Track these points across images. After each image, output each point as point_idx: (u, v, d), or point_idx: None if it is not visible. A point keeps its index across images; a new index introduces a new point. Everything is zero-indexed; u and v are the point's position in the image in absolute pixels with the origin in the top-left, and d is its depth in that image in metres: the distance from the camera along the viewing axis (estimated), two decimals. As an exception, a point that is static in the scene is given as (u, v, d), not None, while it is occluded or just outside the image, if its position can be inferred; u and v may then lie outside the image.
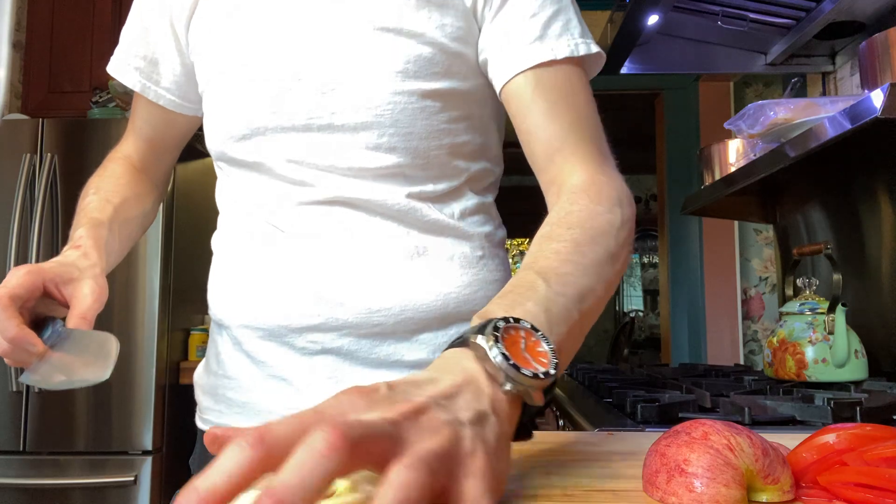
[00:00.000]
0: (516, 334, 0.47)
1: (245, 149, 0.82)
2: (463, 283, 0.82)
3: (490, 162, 0.88)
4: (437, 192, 0.82)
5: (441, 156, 0.81)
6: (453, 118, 0.81)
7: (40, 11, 2.87)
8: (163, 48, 0.90)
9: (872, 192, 1.54)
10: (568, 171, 0.73)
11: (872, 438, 0.46)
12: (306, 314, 0.79)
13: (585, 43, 0.78)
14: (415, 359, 0.81)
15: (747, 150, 1.78)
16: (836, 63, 1.95)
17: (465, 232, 0.83)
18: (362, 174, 0.79)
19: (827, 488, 0.44)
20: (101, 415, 2.24)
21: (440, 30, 0.78)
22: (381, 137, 0.78)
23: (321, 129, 0.79)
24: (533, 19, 0.77)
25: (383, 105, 0.77)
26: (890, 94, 1.06)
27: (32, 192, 2.29)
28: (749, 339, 2.88)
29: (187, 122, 0.96)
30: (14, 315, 0.66)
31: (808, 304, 1.37)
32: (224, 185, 0.89)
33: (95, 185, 0.90)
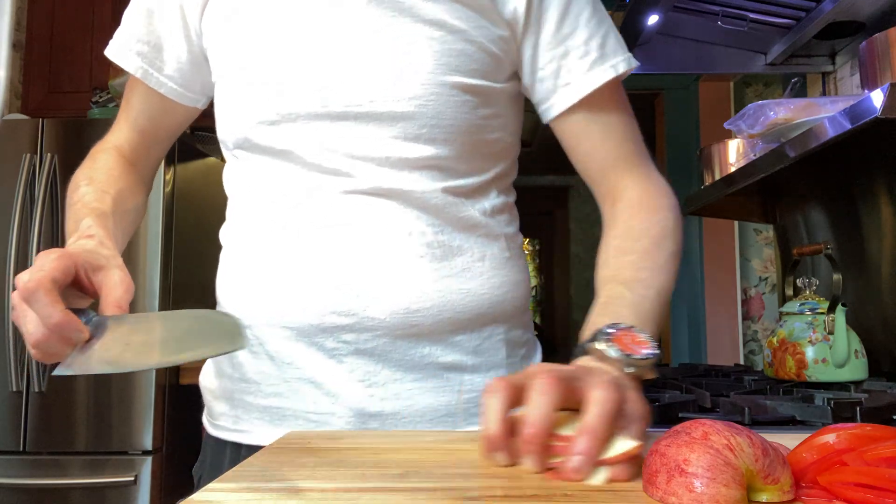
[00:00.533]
0: (621, 333, 0.62)
1: (274, 135, 0.79)
2: (494, 285, 0.82)
3: (513, 162, 0.90)
4: (468, 188, 0.82)
5: (474, 151, 0.82)
6: (488, 115, 0.82)
7: (40, 11, 2.87)
8: (169, 33, 0.86)
9: (872, 192, 1.54)
10: (622, 185, 0.83)
11: (872, 438, 0.46)
12: (339, 314, 0.76)
13: (630, 57, 0.84)
14: (449, 360, 0.80)
15: (747, 150, 1.78)
16: (836, 63, 1.95)
17: (493, 231, 0.84)
18: (399, 165, 0.78)
19: (827, 488, 0.44)
20: (101, 415, 2.24)
21: (479, 31, 0.79)
22: (421, 128, 0.78)
23: (358, 117, 0.77)
24: (590, 42, 0.81)
25: (426, 96, 0.77)
26: (890, 94, 1.06)
27: (32, 192, 2.29)
28: (749, 339, 2.88)
29: (185, 113, 0.92)
30: (58, 299, 0.60)
31: (808, 304, 1.37)
32: (239, 173, 0.85)
33: (87, 175, 0.85)
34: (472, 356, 0.81)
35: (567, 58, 0.81)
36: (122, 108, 0.93)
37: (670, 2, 1.72)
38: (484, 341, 0.82)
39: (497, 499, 0.45)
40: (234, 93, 0.82)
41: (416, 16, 0.78)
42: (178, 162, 2.41)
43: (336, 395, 0.78)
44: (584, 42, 0.81)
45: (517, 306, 0.85)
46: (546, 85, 0.83)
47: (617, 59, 0.82)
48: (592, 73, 0.81)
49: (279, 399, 0.80)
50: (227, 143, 0.85)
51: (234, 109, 0.82)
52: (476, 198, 0.83)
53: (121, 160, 0.89)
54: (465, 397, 0.80)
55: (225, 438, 0.84)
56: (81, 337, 0.59)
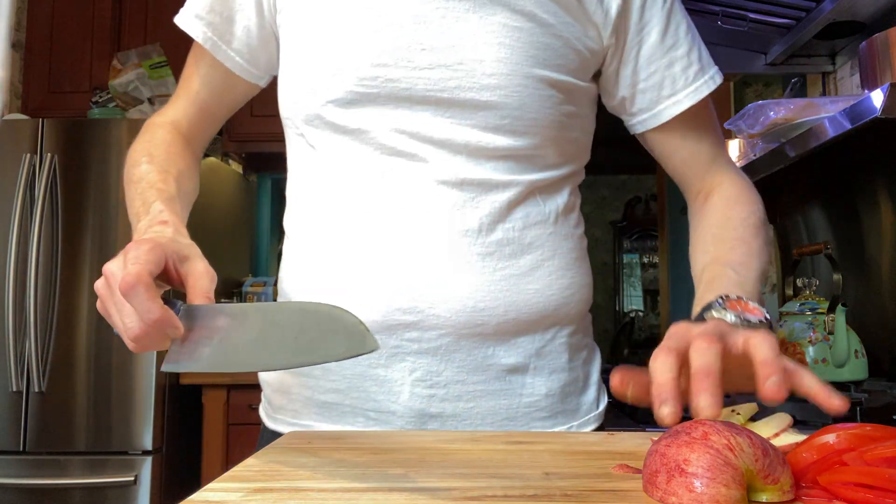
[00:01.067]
0: (734, 302, 0.65)
1: (349, 114, 0.77)
2: (563, 286, 0.81)
3: (583, 163, 0.89)
4: (543, 183, 0.81)
5: (553, 148, 0.81)
6: (570, 113, 0.81)
7: (40, 11, 2.87)
8: (241, 5, 0.84)
9: (872, 192, 1.54)
10: (717, 182, 0.86)
11: (872, 438, 0.46)
12: (404, 311, 0.75)
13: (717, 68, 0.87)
14: (512, 363, 0.79)
15: (747, 150, 1.78)
16: (836, 63, 1.95)
17: (563, 231, 0.83)
18: (476, 154, 0.77)
19: (827, 488, 0.44)
20: (101, 415, 2.24)
21: (567, 27, 0.79)
22: (503, 119, 0.77)
23: (440, 102, 0.76)
24: (691, 53, 0.84)
25: (511, 87, 0.76)
26: (890, 94, 1.06)
27: (32, 192, 2.29)
28: (749, 339, 2.88)
29: (246, 90, 0.89)
30: (157, 294, 0.58)
31: (808, 304, 1.37)
32: (306, 153, 0.83)
33: (147, 151, 0.81)
34: (535, 359, 0.80)
35: (671, 69, 0.83)
36: (183, 82, 0.90)
37: (670, 2, 1.72)
38: (547, 344, 0.80)
39: (497, 499, 0.45)
40: (309, 70, 0.80)
41: (504, 5, 0.77)
42: (178, 162, 2.41)
43: (397, 395, 0.77)
44: (686, 54, 0.83)
45: (581, 310, 0.85)
46: (649, 96, 0.83)
47: (713, 70, 0.85)
48: (696, 85, 0.83)
49: (339, 395, 0.79)
50: (296, 119, 0.82)
51: (308, 86, 0.80)
52: (550, 195, 0.82)
53: (179, 137, 0.86)
54: (525, 401, 0.79)
55: (284, 432, 0.82)
56: (178, 332, 0.59)
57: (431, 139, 0.76)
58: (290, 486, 0.49)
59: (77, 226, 2.27)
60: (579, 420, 0.83)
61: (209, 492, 0.47)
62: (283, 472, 0.53)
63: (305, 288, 0.81)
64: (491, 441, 0.66)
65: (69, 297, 2.27)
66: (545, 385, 0.80)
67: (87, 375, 2.25)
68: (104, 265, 0.62)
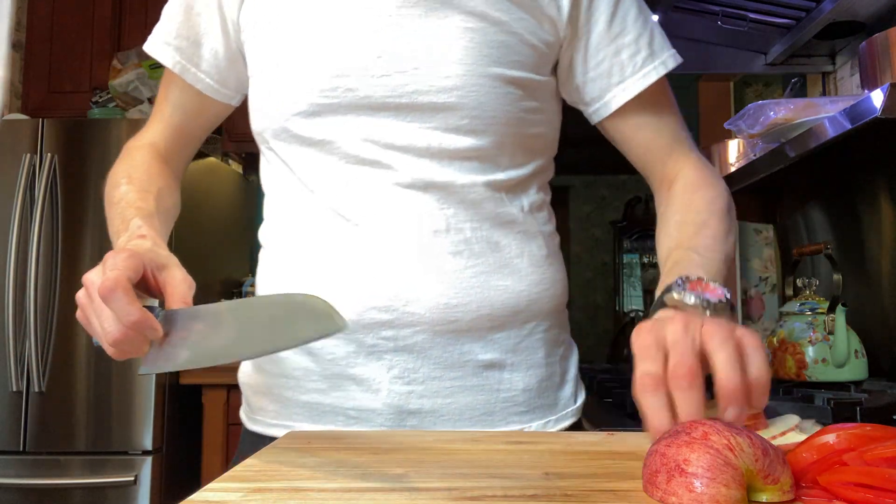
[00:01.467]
0: (694, 283, 0.62)
1: (313, 126, 0.79)
2: (533, 282, 0.82)
3: (551, 158, 0.90)
4: (509, 182, 0.82)
5: (516, 145, 0.82)
6: (531, 109, 0.82)
7: (40, 11, 2.86)
8: (207, 28, 0.87)
9: (872, 192, 1.54)
10: (678, 169, 0.84)
11: (872, 438, 0.46)
12: (379, 309, 0.76)
13: (675, 53, 0.86)
14: (488, 359, 0.80)
15: (747, 150, 1.78)
16: (836, 63, 1.95)
17: (532, 229, 0.84)
18: (440, 155, 0.78)
19: (827, 488, 0.44)
20: (101, 415, 2.24)
21: (521, 23, 0.80)
22: (462, 119, 0.78)
23: (399, 108, 0.78)
24: (640, 39, 0.83)
25: (467, 87, 0.77)
26: (890, 94, 1.06)
27: (32, 192, 2.29)
28: (749, 339, 2.88)
29: (219, 110, 0.92)
30: (136, 298, 0.60)
31: (808, 304, 1.37)
32: (277, 167, 0.85)
33: (126, 173, 0.84)
34: (511, 355, 0.81)
35: (619, 56, 0.83)
36: (157, 105, 0.93)
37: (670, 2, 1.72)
38: (523, 339, 0.82)
39: (497, 499, 0.45)
40: (273, 85, 0.82)
41: (456, 7, 0.78)
42: (178, 162, 2.41)
43: (376, 392, 0.78)
44: (634, 41, 0.83)
45: (556, 305, 0.85)
46: (599, 84, 0.84)
47: (665, 55, 0.84)
48: (644, 71, 0.83)
49: (320, 395, 0.80)
50: (265, 135, 0.84)
51: (273, 101, 0.82)
52: (516, 193, 0.83)
53: (157, 158, 0.89)
54: (503, 396, 0.80)
55: (263, 433, 0.84)
56: (157, 334, 0.61)
57: (394, 145, 0.78)
58: (290, 486, 0.49)
59: (77, 226, 2.27)
60: (557, 415, 0.84)
61: (209, 492, 0.47)
62: (283, 472, 0.53)
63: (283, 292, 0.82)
64: (491, 441, 0.66)
65: (69, 297, 2.26)
66: (522, 380, 0.81)
67: (87, 375, 2.25)
68: (84, 275, 0.64)
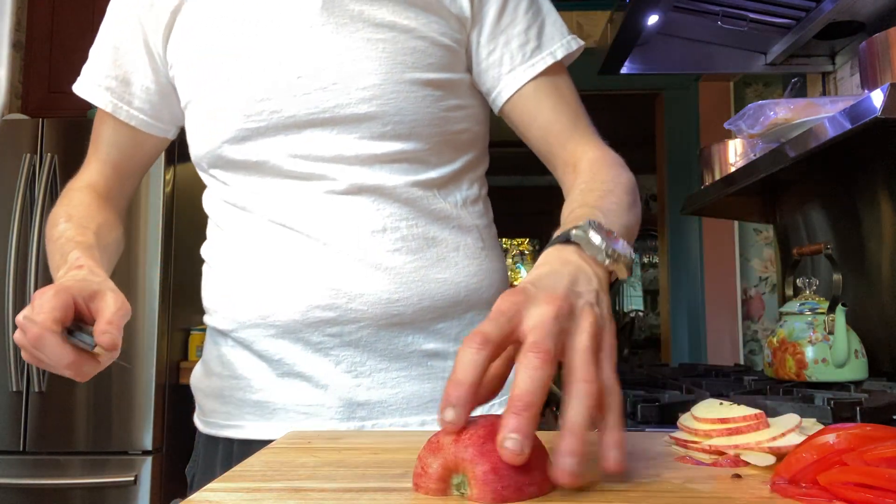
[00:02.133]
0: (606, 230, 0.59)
1: (245, 150, 0.82)
2: (470, 273, 0.85)
3: (482, 152, 0.93)
4: (439, 180, 0.85)
5: (442, 143, 0.85)
6: (451, 107, 0.85)
7: (40, 11, 2.87)
8: (135, 66, 0.89)
9: (872, 192, 1.54)
10: (581, 151, 0.84)
11: (872, 438, 0.46)
12: (323, 308, 0.79)
13: (573, 39, 0.88)
14: (432, 348, 0.83)
15: (747, 150, 1.78)
16: (836, 63, 1.95)
17: (466, 223, 0.87)
18: (370, 161, 0.81)
19: (827, 488, 0.44)
20: (101, 415, 2.24)
21: (428, 27, 0.83)
22: (385, 126, 0.81)
23: (324, 122, 0.81)
24: (529, 31, 0.85)
25: (387, 95, 0.80)
26: (890, 94, 1.06)
27: (32, 192, 2.29)
28: (749, 339, 2.88)
29: (155, 144, 0.94)
30: (63, 341, 0.64)
31: (808, 304, 1.37)
32: (217, 192, 0.89)
33: (65, 213, 0.85)
34: (454, 343, 0.84)
35: (508, 46, 0.85)
36: (93, 145, 0.94)
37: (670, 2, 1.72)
38: (465, 328, 0.85)
39: (497, 499, 0.45)
40: (203, 114, 0.85)
41: (365, 20, 0.81)
42: (178, 162, 2.41)
43: (325, 387, 0.81)
44: (523, 31, 0.86)
45: (494, 294, 0.87)
46: (491, 74, 0.86)
47: (555, 45, 0.86)
48: (533, 61, 0.85)
49: (269, 394, 0.83)
50: (202, 164, 0.88)
51: (205, 130, 0.85)
52: (448, 189, 0.86)
53: (96, 197, 0.90)
54: None
55: (217, 435, 0.88)
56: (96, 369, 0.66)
57: (324, 157, 0.81)
58: (290, 486, 0.49)
59: (77, 226, 2.27)
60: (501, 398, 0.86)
61: (209, 492, 0.47)
62: (283, 472, 0.53)
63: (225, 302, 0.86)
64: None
65: (69, 297, 2.27)
66: None
67: (87, 375, 2.25)
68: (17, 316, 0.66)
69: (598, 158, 0.83)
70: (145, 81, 0.90)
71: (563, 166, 0.86)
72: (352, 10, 0.82)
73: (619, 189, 0.76)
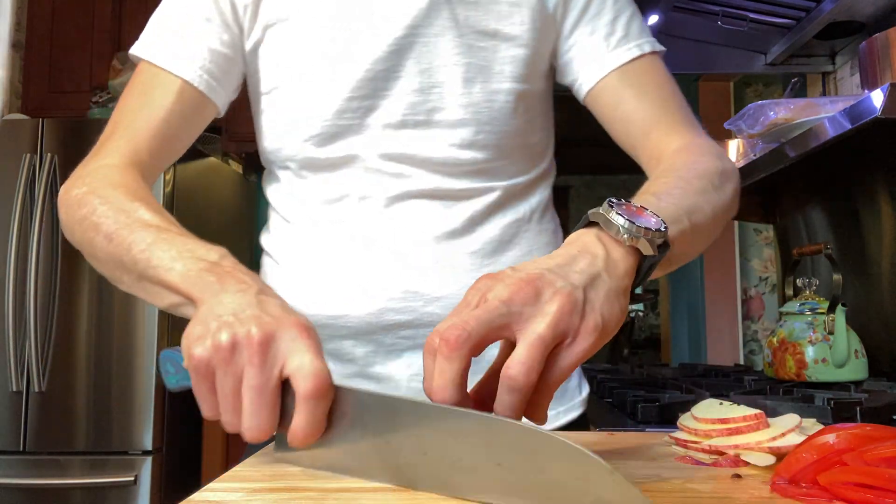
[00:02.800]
0: (629, 206, 0.55)
1: (332, 147, 0.80)
2: None
3: (552, 160, 0.92)
4: (517, 187, 0.85)
5: (522, 153, 0.85)
6: (533, 117, 0.85)
7: (40, 11, 2.86)
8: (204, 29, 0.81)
9: (872, 192, 1.54)
10: (666, 141, 0.79)
11: (872, 438, 0.46)
12: (397, 311, 0.78)
13: (655, 41, 0.85)
14: None
15: (747, 150, 1.78)
16: (836, 63, 1.95)
17: (538, 227, 0.87)
18: (454, 167, 0.81)
19: (827, 488, 0.44)
20: (101, 415, 2.24)
21: (529, 33, 0.82)
22: (477, 134, 0.81)
23: (417, 125, 0.80)
24: (616, 22, 0.84)
25: (483, 103, 0.80)
26: (890, 94, 1.06)
27: (32, 192, 2.29)
28: (749, 339, 2.88)
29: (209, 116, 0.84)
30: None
31: (808, 304, 1.37)
32: (289, 185, 0.85)
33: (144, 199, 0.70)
34: None
35: (594, 35, 0.84)
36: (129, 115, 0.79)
37: (670, 2, 1.72)
38: None
39: (497, 499, 0.45)
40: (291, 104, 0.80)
41: (471, 27, 0.81)
42: (177, 162, 2.41)
43: (395, 390, 0.80)
44: (609, 22, 0.84)
45: None
46: (575, 65, 0.85)
47: (642, 40, 0.84)
48: (619, 51, 0.83)
49: None
50: (279, 154, 0.83)
51: (288, 120, 0.81)
52: (524, 196, 0.86)
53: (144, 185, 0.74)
54: None
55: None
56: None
57: (413, 159, 0.80)
58: (290, 485, 0.49)
59: (77, 226, 2.27)
60: (565, 405, 0.86)
61: (209, 492, 0.47)
62: (283, 472, 0.53)
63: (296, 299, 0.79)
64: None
65: (69, 297, 2.27)
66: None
67: (87, 375, 2.25)
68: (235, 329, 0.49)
69: (682, 148, 0.78)
70: (214, 44, 0.80)
71: (647, 159, 0.82)
72: (458, 14, 0.80)
73: (691, 174, 0.70)
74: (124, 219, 0.66)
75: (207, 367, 0.51)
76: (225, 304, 0.53)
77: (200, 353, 0.50)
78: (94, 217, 0.67)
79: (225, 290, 0.55)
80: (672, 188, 0.65)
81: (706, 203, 0.66)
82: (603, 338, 0.49)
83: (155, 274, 0.61)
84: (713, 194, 0.68)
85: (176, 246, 0.63)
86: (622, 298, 0.51)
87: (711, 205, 0.67)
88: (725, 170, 0.73)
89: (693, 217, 0.63)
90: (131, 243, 0.63)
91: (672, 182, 0.67)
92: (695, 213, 0.63)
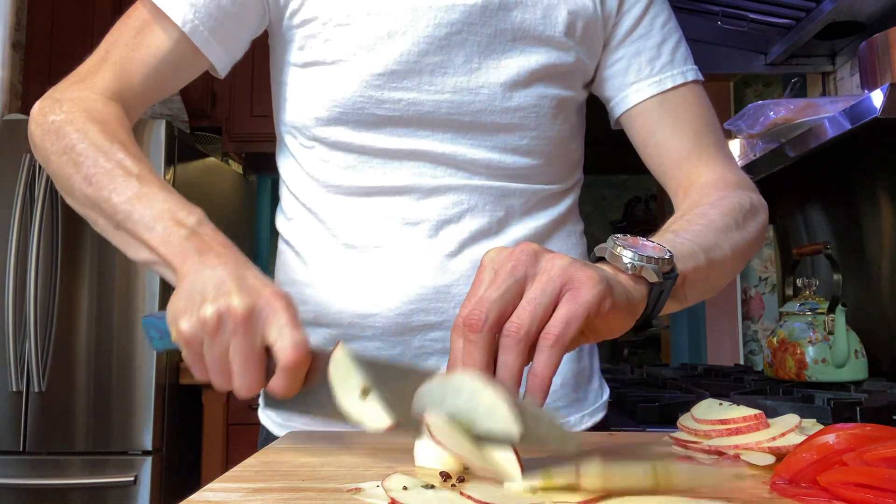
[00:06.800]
0: (633, 239, 0.57)
1: (371, 136, 0.78)
2: None
3: (581, 167, 0.91)
4: (552, 193, 0.84)
5: (561, 161, 0.84)
6: (569, 126, 0.84)
7: (40, 11, 2.86)
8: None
9: (872, 192, 1.54)
10: (696, 174, 0.79)
11: (872, 438, 0.46)
12: (427, 311, 0.77)
13: (697, 70, 0.85)
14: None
15: (747, 150, 1.78)
16: (836, 63, 1.95)
17: (568, 229, 0.87)
18: (495, 170, 0.79)
19: (827, 488, 0.44)
20: (101, 415, 2.24)
21: (581, 44, 0.81)
22: (521, 139, 0.80)
23: (461, 125, 0.78)
24: (662, 46, 0.83)
25: (530, 108, 0.79)
26: (890, 94, 1.06)
27: (32, 192, 2.29)
28: (749, 339, 2.88)
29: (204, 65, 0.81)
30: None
31: (808, 304, 1.37)
32: (315, 170, 0.81)
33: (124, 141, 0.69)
34: None
35: (638, 57, 0.83)
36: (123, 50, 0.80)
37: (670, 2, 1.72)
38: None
39: (497, 499, 0.45)
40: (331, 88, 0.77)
41: (525, 31, 0.79)
42: (178, 162, 2.40)
43: None
44: (656, 45, 0.83)
45: None
46: (615, 82, 0.84)
47: (686, 67, 0.84)
48: (661, 77, 0.82)
49: None
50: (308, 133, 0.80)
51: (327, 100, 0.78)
52: (557, 202, 0.85)
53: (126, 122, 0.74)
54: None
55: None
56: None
57: (454, 160, 0.78)
58: (290, 486, 0.49)
59: (77, 226, 2.27)
60: (590, 408, 0.86)
61: (209, 492, 0.47)
62: (283, 472, 0.53)
63: (322, 295, 0.80)
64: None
65: (69, 298, 2.27)
66: (560, 376, 0.82)
67: (87, 375, 2.25)
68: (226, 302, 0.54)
69: (711, 183, 0.77)
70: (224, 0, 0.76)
71: (675, 188, 0.82)
72: (513, 17, 0.78)
73: (714, 211, 0.71)
74: (104, 162, 0.66)
75: (195, 339, 0.55)
76: (206, 276, 0.56)
77: (187, 328, 0.54)
78: (72, 154, 0.68)
79: (204, 264, 0.57)
80: (693, 225, 0.67)
81: (726, 240, 0.68)
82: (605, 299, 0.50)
83: (134, 229, 0.62)
84: (734, 232, 0.70)
85: (157, 203, 0.63)
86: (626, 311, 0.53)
87: (731, 242, 0.69)
88: (753, 206, 0.75)
89: (711, 254, 0.64)
90: (112, 191, 0.64)
91: (693, 220, 0.69)
92: (713, 250, 0.65)
